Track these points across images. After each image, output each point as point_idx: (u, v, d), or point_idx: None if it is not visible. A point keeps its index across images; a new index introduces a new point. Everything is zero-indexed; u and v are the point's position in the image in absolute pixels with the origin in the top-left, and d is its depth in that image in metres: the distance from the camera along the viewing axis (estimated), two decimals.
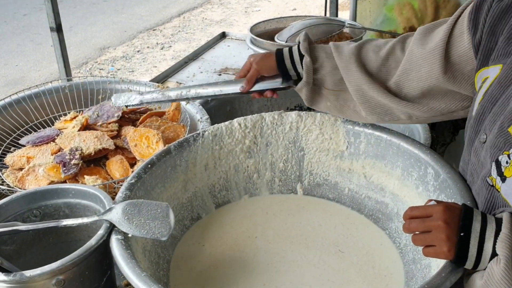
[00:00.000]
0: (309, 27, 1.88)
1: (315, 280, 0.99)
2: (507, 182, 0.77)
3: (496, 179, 0.79)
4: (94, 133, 1.27)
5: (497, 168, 0.79)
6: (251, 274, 1.01)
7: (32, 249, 0.99)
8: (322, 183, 1.22)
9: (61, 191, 1.00)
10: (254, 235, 1.11)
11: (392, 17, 2.45)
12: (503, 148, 0.78)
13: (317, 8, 5.63)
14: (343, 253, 1.06)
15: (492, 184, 0.81)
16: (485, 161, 0.83)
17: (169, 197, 1.08)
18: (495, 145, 0.80)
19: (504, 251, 0.71)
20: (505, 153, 0.78)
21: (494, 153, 0.80)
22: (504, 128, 0.79)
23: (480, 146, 0.86)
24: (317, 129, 1.18)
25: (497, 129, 0.81)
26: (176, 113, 1.40)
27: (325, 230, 1.13)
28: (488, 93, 0.87)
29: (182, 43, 5.34)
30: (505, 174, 0.77)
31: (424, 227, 0.78)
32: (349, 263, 1.03)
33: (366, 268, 1.02)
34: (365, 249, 1.07)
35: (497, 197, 0.80)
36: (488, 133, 0.84)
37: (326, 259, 1.04)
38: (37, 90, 1.49)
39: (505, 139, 0.78)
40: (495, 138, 0.80)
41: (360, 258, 1.05)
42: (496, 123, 0.82)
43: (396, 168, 1.10)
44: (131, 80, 1.59)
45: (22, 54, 4.88)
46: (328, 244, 1.08)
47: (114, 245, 0.85)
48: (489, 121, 0.84)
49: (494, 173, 0.80)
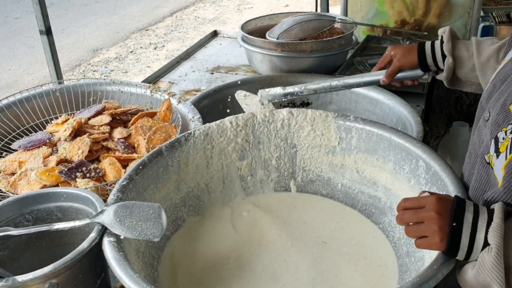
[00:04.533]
0: (300, 23, 1.88)
1: (311, 278, 0.99)
2: (500, 157, 0.78)
3: (493, 156, 0.80)
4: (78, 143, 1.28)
5: (495, 145, 0.80)
6: (246, 273, 1.01)
7: (25, 253, 0.99)
8: (315, 179, 1.22)
9: (53, 195, 0.99)
10: (248, 235, 1.11)
11: (384, 10, 2.45)
12: (502, 125, 0.79)
13: (309, 4, 5.63)
14: (337, 247, 1.06)
15: (488, 162, 0.82)
16: (486, 139, 0.84)
17: (162, 197, 1.07)
18: (496, 122, 0.81)
19: (495, 239, 0.71)
20: (503, 129, 0.79)
21: (494, 130, 0.81)
22: (506, 106, 0.80)
23: (483, 124, 0.87)
24: (309, 125, 1.18)
25: (499, 106, 0.81)
26: (168, 113, 1.40)
27: (319, 226, 1.13)
28: (500, 73, 0.88)
29: (175, 42, 5.34)
30: (500, 150, 0.78)
31: (417, 218, 0.78)
32: (341, 256, 1.04)
33: (357, 258, 1.03)
34: (355, 240, 1.08)
35: (490, 174, 0.81)
36: (491, 110, 0.84)
37: (320, 254, 1.04)
38: (28, 94, 1.49)
39: (505, 116, 0.79)
40: (497, 115, 0.81)
41: (350, 248, 1.06)
42: (500, 101, 0.82)
43: (388, 162, 1.10)
44: (122, 81, 1.58)
45: (14, 57, 4.86)
46: (322, 240, 1.08)
47: (106, 248, 0.84)
48: (494, 99, 0.85)
49: (492, 150, 0.80)
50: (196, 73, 2.00)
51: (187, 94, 1.80)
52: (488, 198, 0.80)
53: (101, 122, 1.37)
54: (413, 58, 1.23)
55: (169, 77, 1.97)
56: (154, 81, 1.93)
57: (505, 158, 0.76)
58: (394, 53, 1.25)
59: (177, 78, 1.95)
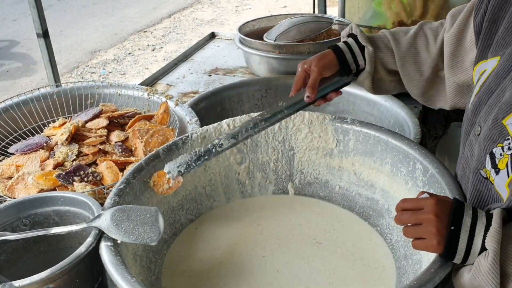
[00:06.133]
0: (298, 25, 1.88)
1: (309, 281, 0.99)
2: (500, 174, 0.77)
3: (491, 171, 0.79)
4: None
5: (491, 160, 0.79)
6: (244, 277, 1.01)
7: (23, 258, 0.99)
8: (313, 181, 1.22)
9: (50, 199, 0.99)
10: (246, 238, 1.11)
11: (381, 12, 2.45)
12: (497, 140, 0.78)
13: (307, 5, 5.61)
14: (334, 250, 1.06)
15: (486, 177, 0.81)
16: (479, 153, 0.83)
17: (159, 201, 1.07)
18: (489, 137, 0.80)
19: (492, 245, 0.71)
20: (499, 145, 0.78)
21: (488, 145, 0.80)
22: (499, 120, 0.79)
23: (475, 139, 0.86)
24: (306, 127, 1.18)
25: (491, 121, 0.80)
26: (165, 116, 1.39)
27: (316, 229, 1.13)
28: (485, 85, 0.86)
29: (173, 44, 5.33)
30: (499, 166, 0.77)
31: (416, 220, 0.78)
32: (341, 259, 1.04)
33: (353, 259, 1.03)
34: (351, 242, 1.08)
35: (490, 189, 0.80)
36: (482, 125, 0.83)
37: (319, 257, 1.04)
38: (25, 97, 1.48)
39: (499, 131, 0.78)
40: (489, 130, 0.80)
41: (345, 249, 1.06)
42: (491, 115, 0.81)
43: (385, 164, 1.10)
44: (119, 84, 1.58)
45: (12, 59, 4.85)
46: (319, 243, 1.08)
47: (103, 252, 0.84)
48: (484, 113, 0.84)
49: (489, 166, 0.79)
50: (194, 75, 2.00)
51: (185, 96, 1.80)
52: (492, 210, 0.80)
53: (98, 126, 1.36)
54: (331, 60, 1.09)
55: (167, 79, 1.97)
56: (152, 83, 1.92)
57: (507, 176, 0.75)
58: (307, 65, 1.08)
59: (175, 80, 1.95)
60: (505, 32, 0.86)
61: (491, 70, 0.86)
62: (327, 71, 1.09)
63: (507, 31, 0.85)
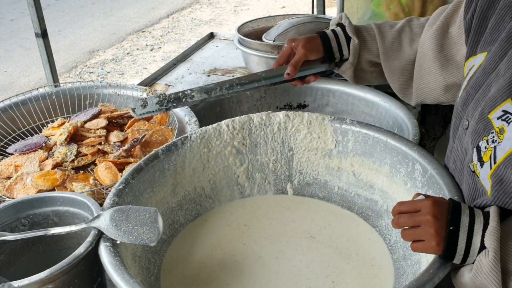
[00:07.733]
0: (296, 26, 1.88)
1: (309, 281, 0.99)
2: (484, 167, 0.78)
3: (477, 164, 0.80)
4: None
5: (478, 154, 0.80)
6: (243, 277, 1.01)
7: (21, 258, 0.98)
8: (312, 182, 1.22)
9: (49, 199, 0.99)
10: (245, 238, 1.11)
11: (380, 12, 2.45)
12: (482, 134, 0.79)
13: (306, 5, 5.62)
14: (333, 250, 1.06)
15: (473, 170, 0.82)
16: (467, 147, 0.84)
17: (158, 201, 1.07)
18: (476, 131, 0.81)
19: (492, 243, 0.71)
20: (484, 138, 0.79)
21: (475, 139, 0.81)
22: (485, 114, 0.80)
23: (463, 133, 0.87)
24: (305, 128, 1.18)
25: (478, 115, 0.82)
26: (164, 116, 1.39)
27: (315, 229, 1.13)
28: (473, 80, 0.88)
29: (172, 44, 5.33)
30: (483, 159, 0.78)
31: (413, 222, 0.78)
32: (335, 252, 1.04)
33: (348, 253, 1.04)
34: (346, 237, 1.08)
35: (477, 182, 0.81)
36: (470, 119, 0.85)
37: (319, 258, 1.04)
38: (23, 97, 1.48)
39: (485, 125, 0.79)
40: (476, 124, 0.81)
41: (341, 245, 1.06)
42: (478, 109, 0.83)
43: (384, 165, 1.10)
44: (118, 84, 1.58)
45: (10, 59, 4.84)
46: (318, 243, 1.08)
47: (102, 252, 0.84)
48: (472, 108, 0.85)
49: (475, 159, 0.81)
50: (193, 75, 2.00)
51: None
52: (478, 205, 0.81)
53: (97, 126, 1.37)
54: (317, 45, 1.13)
55: (165, 80, 1.97)
56: (150, 84, 1.92)
57: (490, 168, 0.77)
58: (295, 44, 1.12)
59: (174, 81, 1.95)
60: (492, 28, 0.87)
61: (478, 65, 0.88)
62: (312, 55, 1.13)
63: (495, 27, 0.87)
